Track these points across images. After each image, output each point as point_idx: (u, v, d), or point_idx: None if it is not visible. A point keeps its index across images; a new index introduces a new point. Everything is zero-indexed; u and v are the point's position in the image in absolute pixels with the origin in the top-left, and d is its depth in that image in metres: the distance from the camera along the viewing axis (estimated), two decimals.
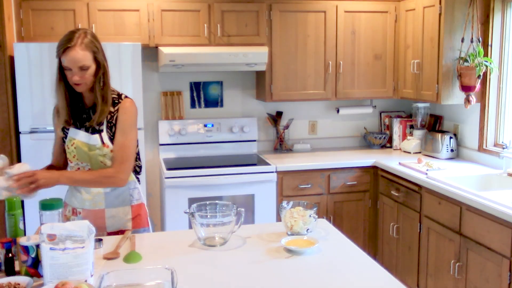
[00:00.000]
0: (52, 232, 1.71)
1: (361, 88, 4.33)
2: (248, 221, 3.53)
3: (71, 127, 2.27)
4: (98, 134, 2.23)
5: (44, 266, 1.71)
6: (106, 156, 2.24)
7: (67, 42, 2.12)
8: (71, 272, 1.70)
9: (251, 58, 3.96)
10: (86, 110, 2.27)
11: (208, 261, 1.98)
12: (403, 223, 3.74)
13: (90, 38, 2.16)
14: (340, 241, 2.20)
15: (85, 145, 2.24)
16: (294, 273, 1.86)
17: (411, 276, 3.64)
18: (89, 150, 2.23)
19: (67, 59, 2.11)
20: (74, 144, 2.26)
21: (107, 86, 2.23)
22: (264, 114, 4.52)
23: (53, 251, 1.69)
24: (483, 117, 3.81)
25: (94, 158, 2.24)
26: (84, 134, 2.24)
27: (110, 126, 2.24)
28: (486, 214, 2.82)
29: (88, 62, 2.14)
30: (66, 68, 2.14)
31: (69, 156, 2.29)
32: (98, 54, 2.18)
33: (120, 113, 2.24)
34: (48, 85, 3.50)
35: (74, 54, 2.11)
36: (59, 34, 3.70)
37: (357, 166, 4.07)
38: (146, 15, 3.85)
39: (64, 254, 1.69)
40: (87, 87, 2.20)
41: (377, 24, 4.28)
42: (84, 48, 2.12)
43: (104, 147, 2.23)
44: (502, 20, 3.65)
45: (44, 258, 1.70)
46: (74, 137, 2.26)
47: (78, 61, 2.11)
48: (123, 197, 2.33)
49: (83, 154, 2.25)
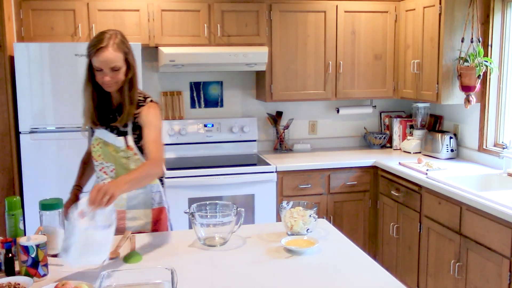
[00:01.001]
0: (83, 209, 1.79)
1: (361, 88, 4.33)
2: (248, 221, 3.53)
3: (97, 127, 2.28)
4: (123, 137, 2.24)
5: (74, 243, 1.76)
6: (130, 158, 2.25)
7: (99, 43, 2.12)
8: (99, 250, 1.82)
9: (251, 58, 3.96)
10: (112, 110, 2.28)
11: (208, 261, 1.98)
12: (403, 223, 3.74)
13: (121, 39, 2.18)
14: (340, 241, 2.20)
15: (111, 146, 2.25)
16: (294, 273, 1.86)
17: (411, 276, 3.64)
18: (114, 151, 2.25)
19: (99, 60, 2.12)
20: (99, 144, 2.28)
21: (135, 87, 2.24)
22: (264, 114, 4.52)
23: (87, 230, 1.78)
24: (483, 117, 3.81)
25: (118, 160, 2.26)
26: (110, 135, 2.25)
27: (134, 128, 2.25)
28: (486, 214, 2.82)
29: (119, 63, 2.15)
30: (97, 68, 2.14)
31: (94, 155, 2.30)
32: (129, 55, 2.19)
33: (145, 113, 2.23)
34: (48, 85, 3.50)
35: (107, 54, 2.11)
36: (59, 34, 3.75)
37: (357, 166, 4.07)
38: (146, 15, 3.85)
39: (96, 233, 1.79)
40: (117, 87, 2.20)
41: (377, 24, 4.28)
42: (116, 49, 2.13)
43: (129, 149, 2.24)
44: (502, 20, 3.65)
45: (77, 235, 1.76)
46: (100, 137, 2.28)
47: (110, 61, 2.12)
48: (144, 200, 2.32)
49: (108, 154, 2.26)
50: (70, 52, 3.50)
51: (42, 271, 1.80)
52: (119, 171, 2.27)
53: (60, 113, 3.54)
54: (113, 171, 2.27)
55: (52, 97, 3.51)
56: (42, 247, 1.79)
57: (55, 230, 2.02)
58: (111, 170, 2.28)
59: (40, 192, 3.43)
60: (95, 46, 2.12)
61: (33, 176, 3.53)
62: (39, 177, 3.53)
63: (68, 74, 3.51)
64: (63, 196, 2.24)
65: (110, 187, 1.86)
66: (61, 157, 3.56)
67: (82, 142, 3.54)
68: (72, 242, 1.78)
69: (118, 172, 2.27)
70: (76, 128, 3.57)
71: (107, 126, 2.27)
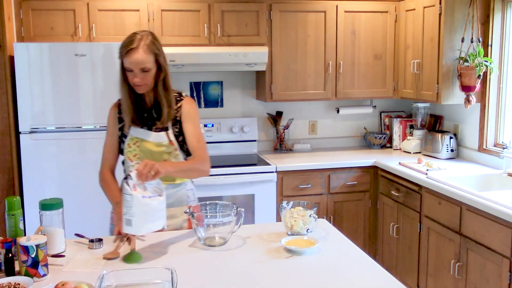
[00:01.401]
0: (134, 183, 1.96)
1: (361, 88, 4.33)
2: (248, 221, 3.53)
3: (132, 126, 2.28)
4: (164, 132, 2.26)
5: (135, 213, 1.93)
6: (171, 154, 2.28)
7: (130, 44, 2.14)
8: (158, 216, 1.99)
9: (251, 58, 3.96)
10: (147, 109, 2.29)
11: (208, 261, 1.98)
12: (403, 223, 3.74)
13: (152, 40, 2.18)
14: (340, 241, 2.20)
15: (151, 143, 2.26)
16: (294, 273, 1.86)
17: (411, 276, 3.64)
18: (155, 147, 2.26)
19: (129, 61, 2.14)
20: (137, 143, 2.28)
21: (169, 89, 2.26)
22: (264, 114, 4.52)
23: (144, 198, 1.95)
24: (483, 117, 3.81)
25: (157, 157, 2.26)
26: (149, 133, 2.27)
27: (174, 123, 2.28)
28: (486, 214, 2.82)
29: (149, 65, 2.16)
30: (128, 69, 2.16)
31: (129, 155, 2.30)
32: (159, 56, 2.20)
33: (186, 108, 2.29)
34: (48, 85, 3.50)
35: (136, 56, 2.13)
36: (59, 34, 3.75)
37: (357, 166, 4.07)
38: (146, 15, 3.85)
39: (152, 201, 1.96)
40: (148, 89, 2.22)
41: (377, 24, 4.28)
42: (146, 50, 2.14)
43: (171, 144, 2.27)
44: (502, 20, 3.65)
45: (137, 205, 1.92)
46: (137, 136, 2.28)
47: (140, 63, 2.13)
48: (180, 197, 2.35)
49: (146, 152, 2.27)
50: (70, 52, 3.50)
51: (42, 271, 1.80)
52: None
53: (60, 113, 3.54)
54: None
55: (52, 97, 3.51)
56: (42, 247, 1.79)
57: (55, 230, 2.02)
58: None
59: (40, 192, 3.43)
60: (126, 47, 2.14)
61: (33, 176, 3.53)
62: (39, 177, 3.53)
63: (68, 74, 3.51)
64: (63, 196, 2.24)
65: (156, 164, 1.98)
66: (61, 157, 3.56)
67: (82, 142, 3.58)
68: (133, 212, 1.94)
69: None
70: (76, 128, 3.58)
71: (144, 124, 2.28)
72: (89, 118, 3.58)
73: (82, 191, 3.57)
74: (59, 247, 2.04)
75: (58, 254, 2.02)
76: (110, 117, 2.38)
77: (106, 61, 3.55)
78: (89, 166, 3.57)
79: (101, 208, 3.59)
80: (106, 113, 3.56)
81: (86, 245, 2.13)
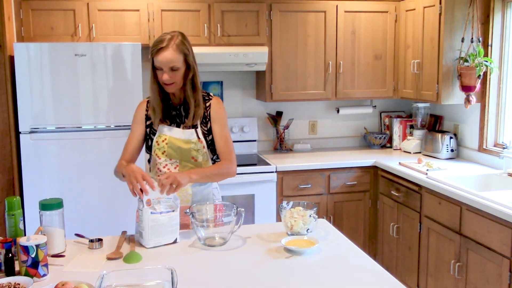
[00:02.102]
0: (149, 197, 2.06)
1: (361, 88, 4.33)
2: (248, 221, 3.53)
3: (160, 124, 2.33)
4: (193, 129, 2.31)
5: (145, 227, 2.07)
6: (199, 151, 2.31)
7: (160, 43, 2.20)
8: (167, 231, 2.10)
9: (251, 58, 3.96)
10: (176, 107, 2.34)
11: (208, 261, 1.98)
12: (403, 223, 3.74)
13: (182, 40, 2.24)
14: (340, 241, 2.20)
15: (180, 140, 2.30)
16: (294, 273, 1.86)
17: (411, 276, 3.64)
18: (184, 143, 2.29)
19: (159, 60, 2.20)
20: (165, 140, 2.31)
21: (198, 89, 2.31)
22: (264, 114, 4.52)
23: (153, 214, 2.06)
24: (483, 117, 3.81)
25: (186, 154, 2.30)
26: (178, 130, 2.31)
27: (204, 122, 2.33)
28: (486, 214, 2.82)
29: (178, 64, 2.21)
30: (158, 68, 2.22)
31: (158, 152, 2.33)
32: (188, 56, 2.25)
33: (215, 108, 2.35)
34: (48, 85, 3.50)
35: (166, 55, 2.19)
36: (59, 34, 3.75)
37: (357, 166, 4.07)
38: (146, 15, 3.85)
39: (162, 216, 2.08)
40: (176, 88, 2.28)
41: (377, 24, 4.28)
42: (175, 50, 2.20)
43: (199, 142, 2.30)
44: (502, 20, 3.65)
45: (146, 220, 2.06)
46: (166, 133, 2.32)
47: (169, 61, 2.19)
48: (207, 195, 2.40)
49: (175, 149, 2.30)
50: (70, 52, 3.50)
51: (42, 271, 1.80)
52: (182, 169, 2.31)
53: (60, 113, 3.54)
54: (176, 167, 2.31)
55: (52, 97, 3.51)
56: (42, 247, 1.79)
57: (55, 230, 2.02)
58: (174, 167, 2.32)
59: (40, 192, 3.43)
60: (156, 46, 2.21)
61: (33, 176, 3.53)
62: (39, 177, 3.53)
63: (68, 74, 3.51)
64: (63, 196, 2.24)
65: (178, 175, 2.09)
66: (61, 157, 3.56)
67: (82, 142, 3.58)
68: (143, 226, 2.08)
69: (183, 168, 2.31)
70: (76, 128, 3.58)
71: (172, 122, 2.33)
72: (89, 118, 3.58)
73: (82, 191, 3.57)
74: (59, 247, 2.05)
75: (58, 254, 2.02)
76: (137, 113, 2.41)
77: (106, 61, 3.55)
78: (89, 166, 3.59)
79: (101, 208, 3.60)
80: (106, 113, 3.59)
81: (86, 245, 2.13)
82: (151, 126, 2.36)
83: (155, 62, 2.22)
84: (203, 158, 2.34)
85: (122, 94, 3.58)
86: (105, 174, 3.55)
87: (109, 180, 3.57)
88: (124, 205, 3.51)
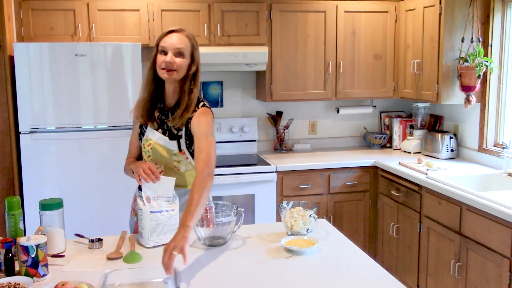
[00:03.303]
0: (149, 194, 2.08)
1: (361, 88, 4.33)
2: (248, 221, 3.53)
3: (149, 127, 2.27)
4: (176, 141, 2.23)
5: (145, 226, 2.07)
6: (181, 162, 2.26)
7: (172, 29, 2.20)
8: (166, 230, 2.08)
9: (251, 58, 3.96)
10: (166, 111, 2.27)
11: (208, 261, 1.98)
12: (403, 223, 3.74)
13: (192, 33, 2.24)
14: (340, 241, 2.20)
15: (162, 148, 2.25)
16: (294, 273, 1.86)
17: (411, 276, 3.64)
18: (166, 153, 2.24)
19: (167, 40, 2.16)
20: (150, 144, 2.27)
21: (197, 88, 2.24)
22: (264, 114, 4.52)
23: (153, 213, 2.06)
24: (483, 117, 3.81)
25: (168, 162, 2.26)
26: (161, 137, 2.25)
27: (188, 133, 2.23)
28: (486, 214, 2.82)
29: (185, 50, 2.18)
30: (163, 50, 2.16)
31: (144, 155, 2.31)
32: (195, 51, 2.23)
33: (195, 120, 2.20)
34: (48, 85, 3.50)
35: (176, 36, 2.17)
36: (59, 34, 3.75)
37: (357, 166, 4.07)
38: (146, 15, 3.85)
39: (161, 215, 2.08)
40: (176, 78, 2.18)
41: (377, 24, 4.28)
42: (186, 36, 2.19)
43: (181, 153, 2.25)
44: (502, 20, 3.65)
45: (145, 219, 2.06)
46: (151, 138, 2.27)
47: (177, 42, 2.16)
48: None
49: (158, 156, 2.26)
50: (70, 52, 3.50)
51: (42, 271, 1.80)
52: (167, 173, 2.25)
53: (60, 113, 3.54)
54: (161, 172, 2.22)
55: (52, 97, 3.51)
56: (42, 247, 1.79)
57: (55, 230, 2.03)
58: (160, 172, 2.23)
59: (40, 192, 3.43)
60: (168, 31, 2.19)
61: (33, 176, 3.53)
62: (39, 177, 3.53)
63: (68, 74, 3.51)
64: (63, 196, 2.24)
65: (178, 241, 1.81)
66: (61, 157, 3.56)
67: (82, 142, 3.58)
68: (143, 225, 2.08)
69: (167, 174, 2.24)
70: (76, 128, 3.58)
71: (159, 127, 2.26)
72: (89, 118, 3.58)
73: (82, 191, 3.57)
74: (59, 247, 2.05)
75: (58, 254, 2.02)
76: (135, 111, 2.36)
77: (106, 61, 3.55)
78: (89, 166, 3.58)
79: (101, 208, 3.60)
80: (106, 113, 3.59)
81: (86, 245, 2.13)
82: (142, 127, 2.32)
83: (162, 43, 2.16)
84: (186, 168, 2.28)
85: (122, 94, 3.58)
86: (105, 174, 3.56)
87: (109, 180, 3.58)
88: (124, 205, 3.50)
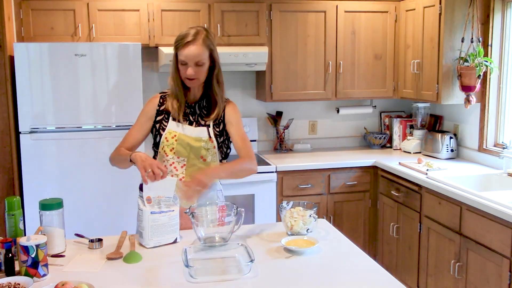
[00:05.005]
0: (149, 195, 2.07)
1: (361, 88, 4.33)
2: (248, 221, 3.52)
3: (171, 120, 2.30)
4: (206, 128, 2.29)
5: (145, 227, 2.06)
6: (209, 151, 2.29)
7: (186, 37, 2.19)
8: (167, 231, 2.09)
9: (251, 58, 3.96)
10: (191, 105, 2.32)
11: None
12: (403, 223, 3.74)
13: (207, 34, 2.23)
14: (340, 241, 2.20)
15: (190, 137, 2.27)
16: (294, 273, 1.86)
17: (411, 276, 3.64)
18: (194, 141, 2.27)
19: (185, 54, 2.18)
20: (175, 136, 2.28)
21: (222, 84, 2.30)
22: (264, 114, 4.52)
23: (153, 214, 2.05)
24: (483, 117, 3.81)
25: (195, 152, 2.27)
26: (189, 127, 2.29)
27: (217, 123, 2.31)
28: (486, 214, 2.82)
29: (204, 59, 2.20)
30: (183, 62, 2.20)
31: (166, 149, 2.30)
32: (214, 52, 2.24)
33: (230, 111, 2.33)
34: (48, 85, 3.50)
35: (192, 49, 2.17)
36: (59, 34, 3.75)
37: (357, 166, 4.07)
38: (146, 15, 3.85)
39: (162, 216, 2.07)
40: (199, 83, 2.26)
41: (377, 24, 4.28)
42: (202, 44, 2.19)
43: (210, 141, 2.28)
44: (502, 20, 3.65)
45: (146, 220, 2.05)
46: (177, 130, 2.29)
47: (196, 56, 2.18)
48: (211, 198, 2.37)
49: (185, 146, 2.27)
50: (70, 52, 3.50)
51: (42, 271, 1.80)
52: (189, 168, 2.28)
53: (60, 113, 3.54)
54: (183, 167, 2.27)
55: (52, 97, 3.51)
56: (42, 247, 1.79)
57: (55, 230, 2.02)
58: (181, 166, 2.28)
59: (40, 192, 3.43)
60: (183, 40, 2.19)
61: (33, 176, 3.53)
62: (39, 177, 3.53)
63: (68, 74, 3.51)
64: (63, 196, 2.24)
65: (203, 176, 2.06)
66: (61, 157, 3.56)
67: (82, 142, 3.58)
68: (143, 226, 2.07)
69: (188, 168, 2.28)
70: (76, 128, 3.58)
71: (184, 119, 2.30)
72: (89, 118, 3.58)
73: (82, 191, 3.57)
74: (59, 247, 2.05)
75: (58, 254, 2.02)
76: (147, 108, 2.37)
77: (106, 61, 3.55)
78: (89, 166, 3.58)
79: (101, 208, 3.60)
80: (106, 113, 3.59)
81: (86, 245, 2.13)
82: (161, 122, 2.33)
83: (180, 56, 2.19)
84: (212, 158, 2.32)
85: (122, 94, 3.58)
86: (105, 174, 3.55)
87: (109, 180, 3.58)
88: (124, 205, 3.51)
